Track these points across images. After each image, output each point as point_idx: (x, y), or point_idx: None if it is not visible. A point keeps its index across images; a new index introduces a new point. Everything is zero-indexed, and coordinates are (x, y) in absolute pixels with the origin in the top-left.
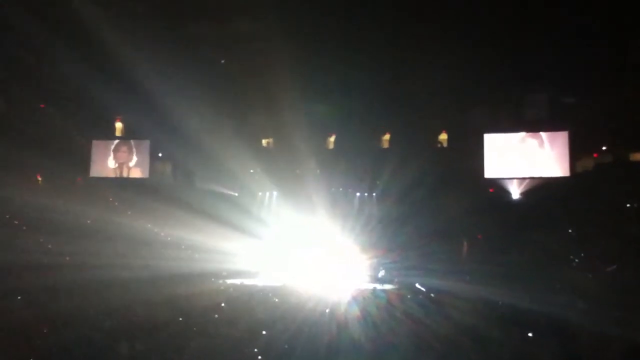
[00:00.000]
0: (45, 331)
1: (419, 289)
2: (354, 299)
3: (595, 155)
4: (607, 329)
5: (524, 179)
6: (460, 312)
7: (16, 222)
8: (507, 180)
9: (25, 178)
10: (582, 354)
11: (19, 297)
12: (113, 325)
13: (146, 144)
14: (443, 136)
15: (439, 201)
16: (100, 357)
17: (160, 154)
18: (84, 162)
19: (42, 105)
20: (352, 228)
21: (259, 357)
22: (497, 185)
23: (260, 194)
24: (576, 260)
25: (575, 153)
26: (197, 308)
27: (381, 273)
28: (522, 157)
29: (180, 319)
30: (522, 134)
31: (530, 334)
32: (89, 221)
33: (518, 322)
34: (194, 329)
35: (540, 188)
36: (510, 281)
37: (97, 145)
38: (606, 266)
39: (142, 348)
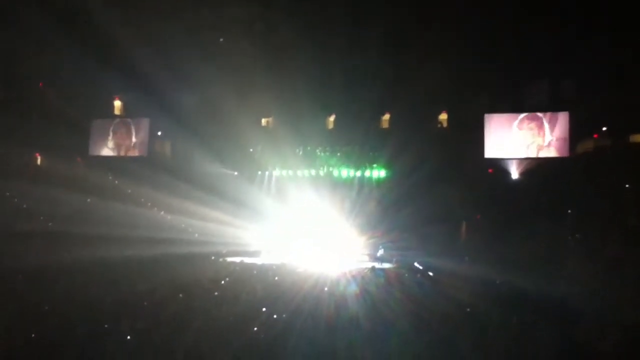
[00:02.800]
0: (46, 309)
1: (417, 268)
2: (353, 277)
3: (595, 136)
4: (604, 311)
5: (523, 159)
6: (459, 291)
7: (16, 201)
8: (506, 161)
9: (25, 157)
10: (580, 337)
11: (19, 276)
12: (114, 304)
13: (145, 122)
14: (443, 116)
15: (438, 181)
16: (102, 336)
17: (159, 133)
18: (84, 141)
19: (40, 84)
20: (352, 208)
21: (260, 335)
22: (497, 166)
23: (260, 173)
24: (574, 241)
25: (575, 134)
26: (197, 286)
27: (380, 252)
28: (522, 138)
29: (181, 296)
30: (523, 115)
31: (528, 316)
32: (88, 200)
33: (516, 303)
34: (195, 307)
35: (540, 169)
36: (508, 262)
37: (96, 125)
38: (604, 247)
39: (143, 326)
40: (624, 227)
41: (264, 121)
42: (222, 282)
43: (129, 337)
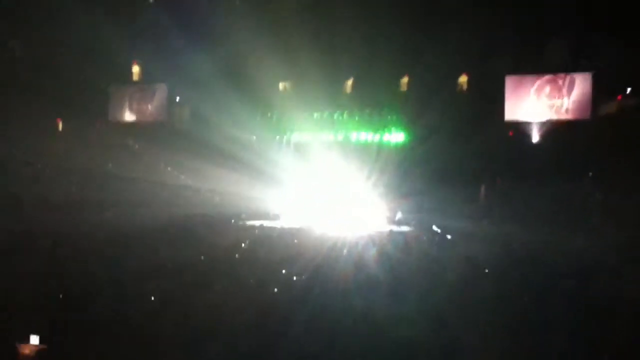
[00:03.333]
0: (74, 272)
1: (435, 230)
2: (372, 240)
3: (618, 98)
4: (624, 269)
5: (544, 122)
6: (477, 253)
7: (39, 167)
8: (527, 124)
9: (46, 124)
10: (599, 295)
11: (46, 240)
12: (138, 267)
13: (163, 87)
14: (463, 79)
15: (457, 145)
16: (127, 297)
17: (177, 98)
18: (103, 107)
19: (59, 51)
20: (370, 172)
21: (279, 296)
22: (517, 129)
23: (278, 137)
24: (595, 202)
25: (598, 95)
26: (218, 249)
27: (398, 216)
28: (543, 100)
29: (203, 259)
30: (544, 77)
31: (546, 275)
32: (110, 165)
33: (535, 262)
34: (216, 269)
35: (561, 131)
36: (528, 224)
37: (114, 91)
38: (625, 209)
39: (167, 287)
40: None
41: (281, 85)
42: (243, 245)
43: (153, 298)
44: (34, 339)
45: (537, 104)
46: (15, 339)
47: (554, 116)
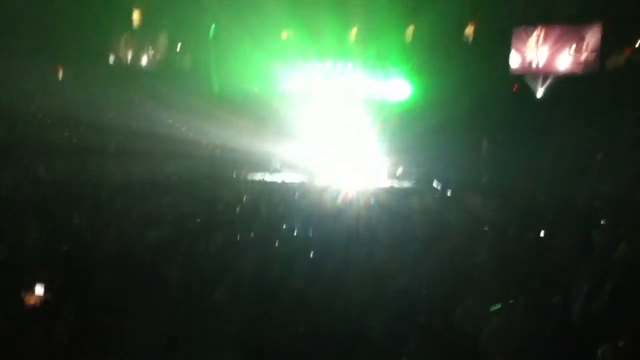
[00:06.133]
0: (75, 221)
1: (436, 187)
2: (373, 195)
3: (627, 51)
4: (626, 221)
5: (551, 74)
6: (477, 208)
7: (40, 116)
8: (533, 76)
9: (47, 70)
10: (600, 246)
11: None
12: (140, 215)
13: (164, 35)
14: (469, 29)
15: (461, 97)
16: (129, 243)
17: (178, 46)
18: (105, 52)
19: None
20: (373, 124)
21: (280, 249)
22: (523, 82)
23: (280, 89)
24: (601, 156)
25: (607, 47)
26: (219, 201)
27: (400, 170)
28: (549, 52)
29: (203, 211)
30: (551, 27)
31: (547, 229)
32: (111, 114)
33: (536, 215)
34: (217, 221)
35: (568, 84)
36: (530, 179)
37: (117, 37)
38: (627, 168)
39: (168, 236)
40: None
41: (284, 34)
42: (244, 198)
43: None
44: (39, 289)
45: (544, 55)
46: (21, 288)
47: (561, 68)
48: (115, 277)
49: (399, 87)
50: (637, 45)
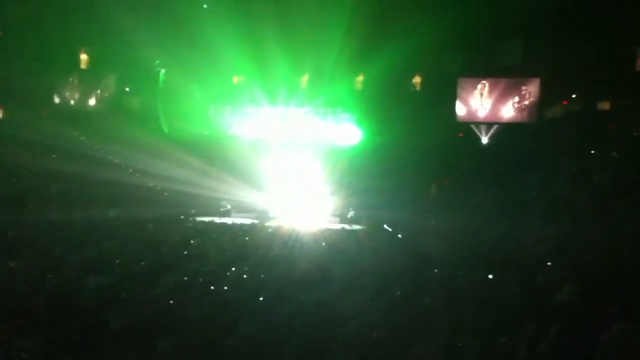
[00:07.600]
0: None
1: (387, 229)
2: (324, 238)
3: (564, 102)
4: (567, 262)
5: (494, 123)
6: (427, 250)
7: None
8: (477, 125)
9: None
10: (538, 289)
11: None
12: (82, 261)
13: (112, 77)
14: (417, 79)
15: (409, 144)
16: (69, 292)
17: (127, 89)
18: (48, 93)
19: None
20: (324, 169)
21: (230, 294)
22: (468, 130)
23: (229, 132)
24: (541, 200)
25: (546, 100)
26: (166, 244)
27: (350, 214)
28: (493, 102)
29: (150, 254)
30: (495, 79)
31: (492, 274)
32: (54, 156)
33: (484, 257)
34: (164, 264)
35: (510, 133)
36: (476, 221)
37: (61, 78)
38: (571, 205)
39: (110, 281)
40: (589, 187)
41: (235, 79)
42: (192, 241)
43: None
44: None
45: (487, 105)
46: None
47: (503, 118)
48: (54, 324)
49: (349, 132)
50: (572, 97)
